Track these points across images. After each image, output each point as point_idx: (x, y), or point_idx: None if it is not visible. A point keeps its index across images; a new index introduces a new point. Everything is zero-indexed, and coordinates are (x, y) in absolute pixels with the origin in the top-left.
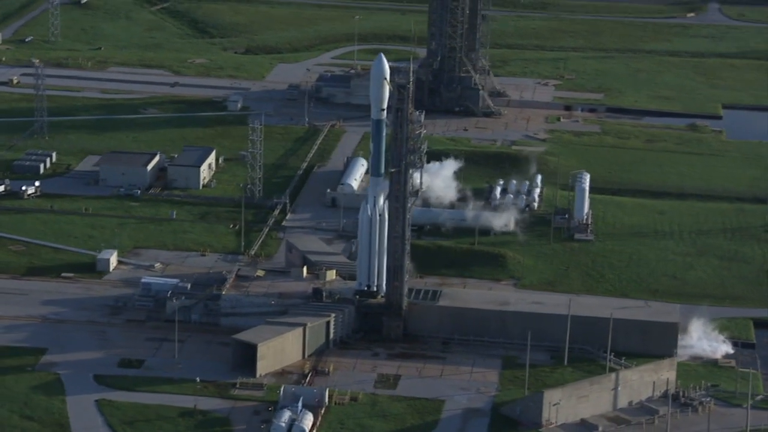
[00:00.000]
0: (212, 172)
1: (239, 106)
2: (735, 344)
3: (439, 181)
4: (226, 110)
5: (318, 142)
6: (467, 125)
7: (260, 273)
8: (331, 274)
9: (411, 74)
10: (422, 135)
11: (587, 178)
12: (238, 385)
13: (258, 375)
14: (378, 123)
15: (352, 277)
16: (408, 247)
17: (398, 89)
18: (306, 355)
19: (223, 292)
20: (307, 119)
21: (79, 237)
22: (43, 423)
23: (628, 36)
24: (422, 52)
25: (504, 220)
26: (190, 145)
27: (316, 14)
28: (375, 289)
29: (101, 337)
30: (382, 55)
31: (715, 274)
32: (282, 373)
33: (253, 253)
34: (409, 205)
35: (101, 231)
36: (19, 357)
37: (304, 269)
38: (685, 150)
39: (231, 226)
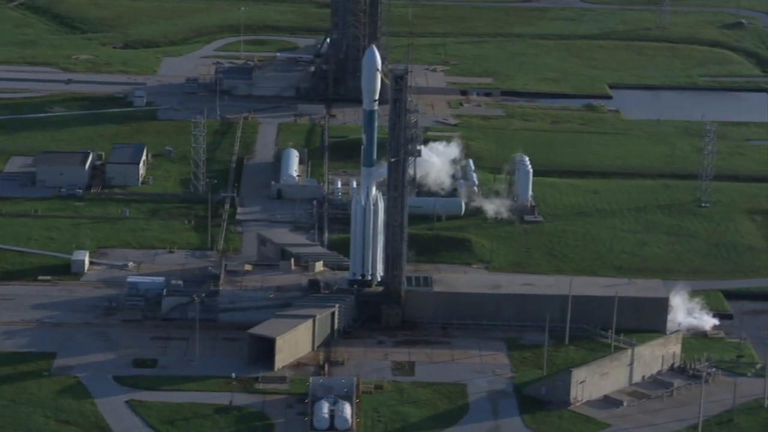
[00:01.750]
0: (146, 169)
1: (144, 101)
2: (714, 316)
3: (441, 162)
4: (131, 106)
5: (238, 135)
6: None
7: (248, 267)
8: (319, 266)
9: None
10: (418, 124)
11: (527, 160)
12: (260, 380)
13: (276, 368)
14: (370, 114)
15: (336, 268)
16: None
17: (396, 80)
18: (315, 347)
19: (220, 288)
20: (218, 112)
21: (39, 239)
22: (82, 427)
23: (493, 20)
24: (300, 41)
25: (497, 207)
26: (119, 143)
27: (178, 6)
28: (369, 278)
29: (105, 338)
30: (374, 47)
31: (669, 249)
32: (297, 366)
33: (220, 248)
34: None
35: (59, 233)
36: (30, 362)
37: (292, 261)
38: (592, 130)
39: (186, 221)
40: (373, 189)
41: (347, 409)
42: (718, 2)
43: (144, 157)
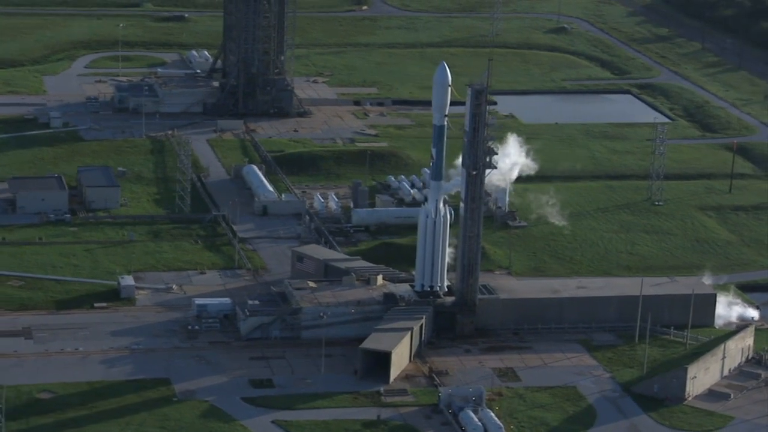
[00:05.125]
0: None
1: (61, 122)
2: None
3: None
4: (49, 127)
5: (182, 153)
6: (292, 126)
7: (312, 284)
8: (380, 279)
9: (488, 79)
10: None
11: None
12: (383, 393)
13: (390, 381)
14: (440, 129)
15: (394, 280)
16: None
17: (476, 94)
18: (411, 358)
19: (302, 306)
20: (144, 131)
21: (64, 267)
22: None
23: (331, 30)
24: (163, 56)
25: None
26: (83, 166)
27: (12, 24)
28: (438, 289)
29: (205, 361)
30: (444, 64)
31: (658, 247)
32: (405, 377)
33: (250, 267)
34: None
35: (78, 259)
36: (152, 389)
37: (353, 276)
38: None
39: (194, 242)
40: (441, 202)
41: (494, 416)
42: (526, 8)
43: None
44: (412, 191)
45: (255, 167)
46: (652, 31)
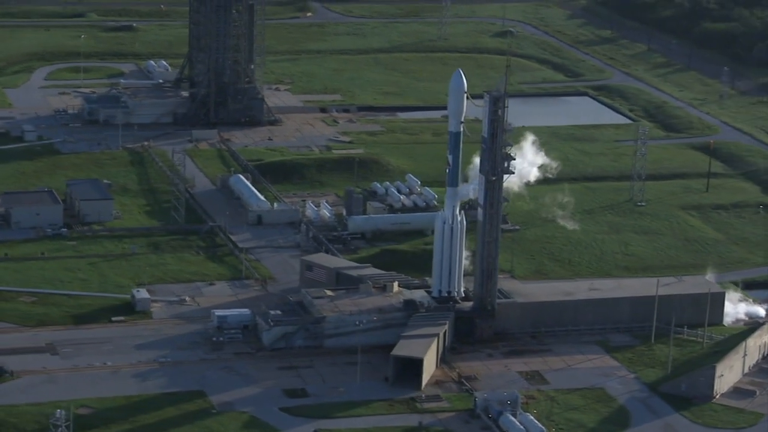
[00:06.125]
0: None
1: (36, 135)
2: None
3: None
4: (23, 141)
5: (162, 164)
6: (265, 135)
7: (329, 293)
8: (395, 286)
9: (506, 84)
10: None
11: None
12: (422, 399)
13: (423, 387)
14: (456, 135)
15: (408, 286)
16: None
17: (494, 101)
18: (438, 364)
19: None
20: (120, 143)
21: (72, 281)
22: None
23: (281, 37)
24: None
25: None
26: (72, 179)
27: None
28: (455, 294)
29: (234, 372)
30: (460, 71)
31: (651, 247)
32: (435, 383)
33: (259, 277)
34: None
35: (84, 273)
36: (189, 402)
37: (370, 283)
38: (476, 140)
39: (195, 253)
40: (457, 208)
41: (534, 420)
42: (467, 13)
43: None
44: (401, 197)
45: (242, 177)
46: (595, 33)
